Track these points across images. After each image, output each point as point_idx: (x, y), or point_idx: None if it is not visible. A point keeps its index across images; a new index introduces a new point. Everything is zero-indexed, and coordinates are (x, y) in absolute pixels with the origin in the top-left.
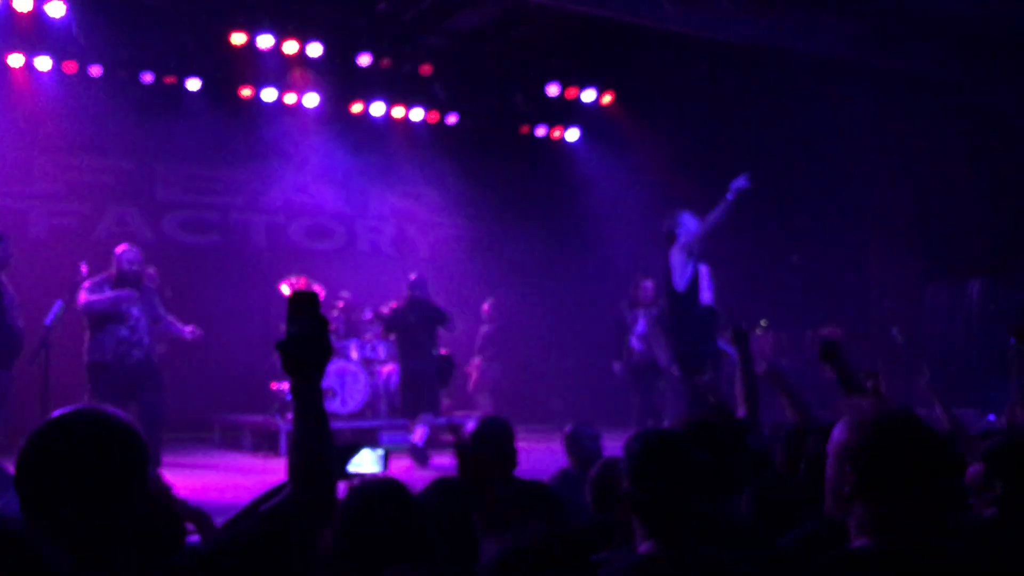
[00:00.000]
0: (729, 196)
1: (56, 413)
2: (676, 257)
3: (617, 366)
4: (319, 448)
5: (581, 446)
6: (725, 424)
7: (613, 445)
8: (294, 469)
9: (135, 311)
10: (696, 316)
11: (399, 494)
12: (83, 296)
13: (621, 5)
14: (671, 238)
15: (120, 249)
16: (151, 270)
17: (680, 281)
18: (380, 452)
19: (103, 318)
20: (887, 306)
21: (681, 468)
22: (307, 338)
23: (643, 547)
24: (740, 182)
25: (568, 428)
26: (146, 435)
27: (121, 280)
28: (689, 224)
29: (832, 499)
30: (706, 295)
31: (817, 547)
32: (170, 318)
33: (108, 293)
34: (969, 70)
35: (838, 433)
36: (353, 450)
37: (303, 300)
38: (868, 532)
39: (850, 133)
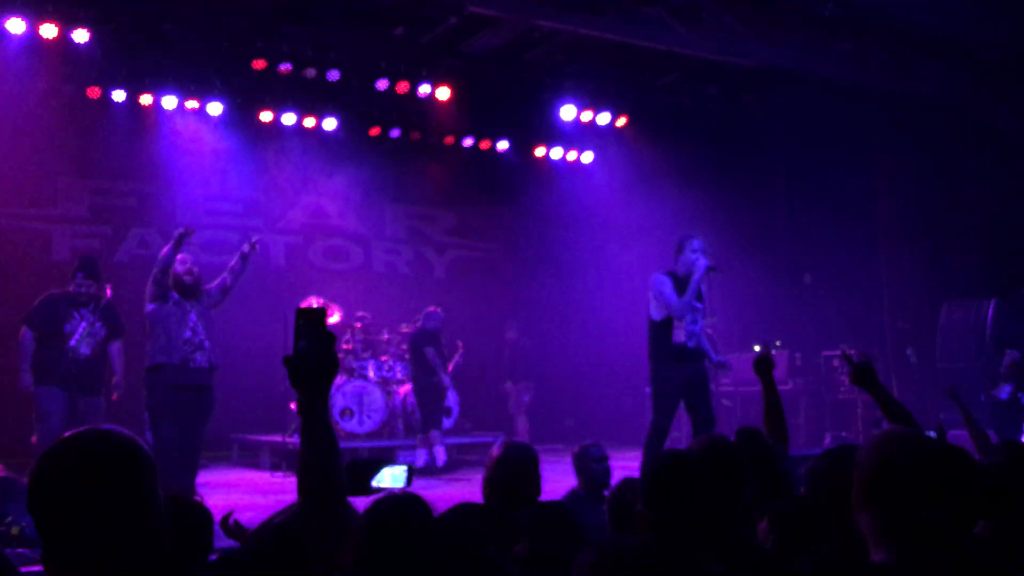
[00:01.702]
0: (696, 276)
1: (66, 434)
2: (664, 284)
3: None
4: (326, 462)
5: (589, 468)
6: (744, 447)
7: (628, 464)
8: (302, 483)
9: (193, 316)
10: (671, 347)
11: (420, 509)
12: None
13: (634, 29)
14: (678, 251)
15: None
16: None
17: (656, 313)
18: (404, 468)
19: (158, 322)
20: (901, 326)
21: (695, 489)
22: (313, 353)
23: None
24: (704, 263)
25: (577, 449)
26: (180, 460)
27: (177, 288)
28: (691, 259)
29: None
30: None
31: (834, 571)
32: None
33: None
34: (979, 93)
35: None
36: (377, 466)
37: (310, 316)
38: (880, 544)
39: (862, 154)
